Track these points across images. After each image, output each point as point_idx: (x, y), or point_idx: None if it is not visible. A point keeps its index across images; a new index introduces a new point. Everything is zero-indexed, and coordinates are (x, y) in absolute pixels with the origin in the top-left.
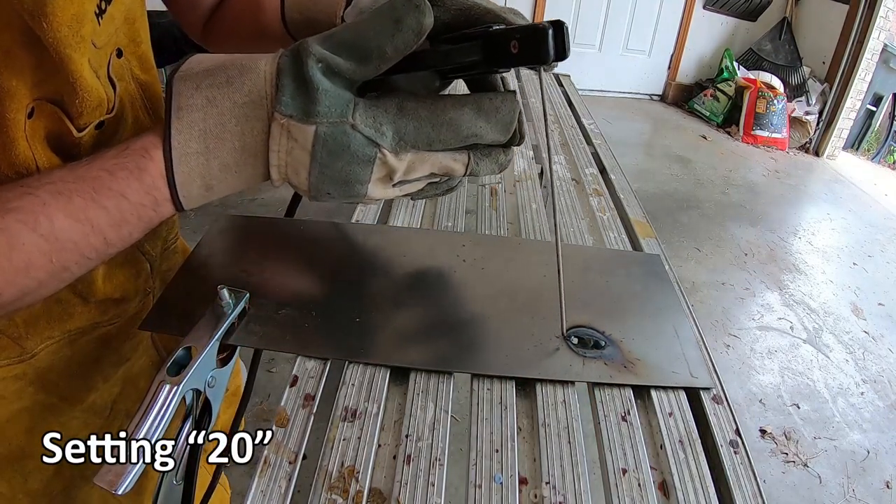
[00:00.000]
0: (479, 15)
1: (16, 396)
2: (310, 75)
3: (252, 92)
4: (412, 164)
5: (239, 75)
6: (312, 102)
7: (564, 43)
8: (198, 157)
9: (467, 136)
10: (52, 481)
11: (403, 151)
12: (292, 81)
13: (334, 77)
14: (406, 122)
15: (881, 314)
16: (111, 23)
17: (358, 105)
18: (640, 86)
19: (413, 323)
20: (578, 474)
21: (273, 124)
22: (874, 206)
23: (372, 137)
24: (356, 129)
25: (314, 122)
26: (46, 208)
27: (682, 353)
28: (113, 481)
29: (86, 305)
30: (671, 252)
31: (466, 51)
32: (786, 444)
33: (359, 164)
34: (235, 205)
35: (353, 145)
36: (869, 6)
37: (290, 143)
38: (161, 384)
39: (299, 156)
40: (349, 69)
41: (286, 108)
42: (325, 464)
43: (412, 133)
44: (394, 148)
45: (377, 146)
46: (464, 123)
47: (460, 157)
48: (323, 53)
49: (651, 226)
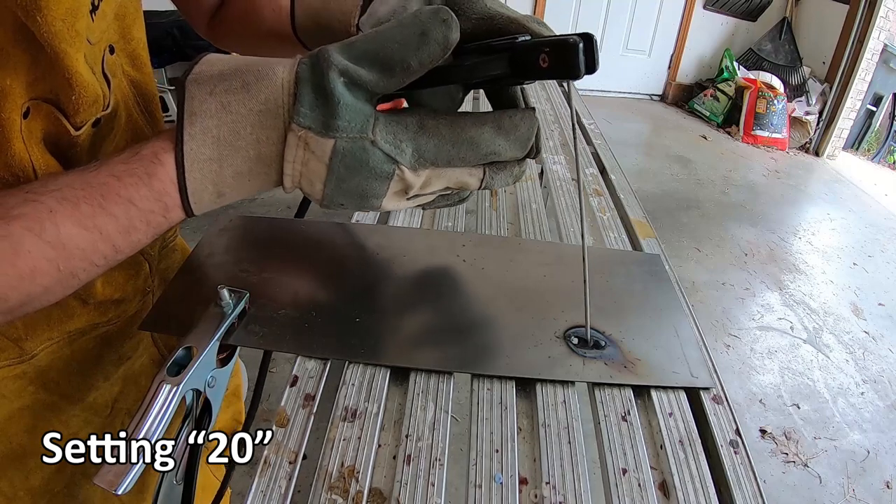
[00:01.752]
0: (502, 25)
1: (16, 395)
2: (331, 87)
3: (269, 100)
4: (429, 180)
5: (255, 81)
6: (333, 116)
7: (594, 57)
8: (210, 164)
9: (486, 154)
10: (53, 479)
11: (422, 168)
12: (311, 92)
13: (356, 90)
14: (426, 139)
15: (881, 314)
16: (103, 19)
17: (378, 120)
18: (641, 86)
19: (413, 323)
20: (578, 474)
21: (290, 135)
22: (874, 206)
23: (391, 154)
24: (376, 146)
25: (333, 136)
26: (53, 215)
27: (682, 352)
28: (113, 481)
29: (85, 307)
30: (671, 252)
31: (494, 64)
32: (786, 444)
33: (376, 180)
34: (235, 205)
35: (371, 161)
36: (869, 6)
37: (307, 155)
38: (161, 384)
39: (315, 167)
40: (371, 81)
41: (304, 119)
42: (325, 464)
43: (432, 151)
44: (412, 165)
45: (396, 163)
46: (483, 142)
47: (476, 171)
48: (345, 65)
49: (651, 226)
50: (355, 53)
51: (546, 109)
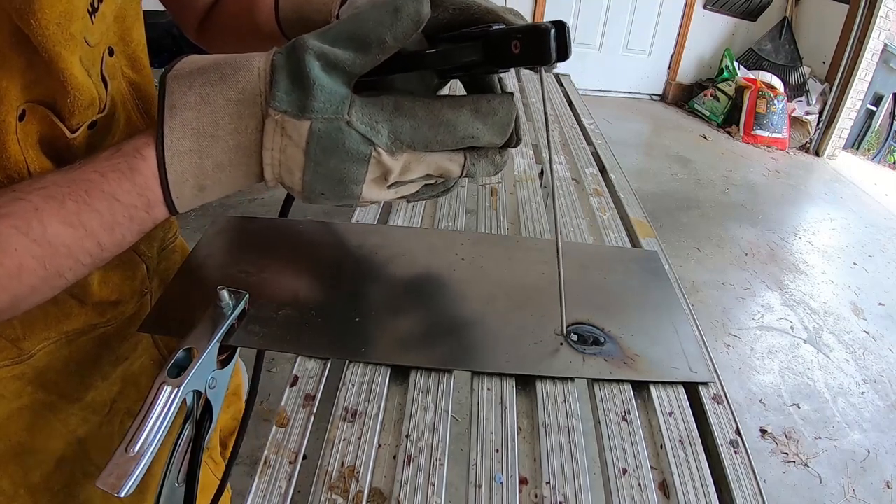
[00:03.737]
0: (478, 15)
1: (15, 395)
2: (307, 70)
3: (246, 89)
4: (408, 165)
5: (233, 72)
6: (308, 98)
7: (566, 43)
8: (191, 156)
9: (464, 137)
10: (52, 476)
11: (399, 151)
12: (286, 77)
13: (332, 71)
14: (402, 120)
15: (881, 314)
16: (103, 21)
17: (354, 102)
18: (641, 86)
19: (413, 322)
20: (578, 474)
21: (267, 121)
22: (874, 206)
23: (367, 135)
24: (351, 126)
25: (309, 117)
26: (39, 213)
27: (681, 348)
28: (115, 484)
29: (82, 307)
30: (671, 252)
31: (467, 51)
32: (786, 444)
33: (353, 163)
34: (235, 205)
35: (347, 142)
36: (869, 6)
37: (285, 141)
38: (162, 386)
39: (293, 154)
40: (348, 59)
41: (280, 103)
42: (325, 464)
43: (408, 132)
44: (389, 147)
45: (372, 144)
46: (461, 124)
47: (456, 157)
48: (321, 47)
49: (651, 225)
50: (331, 36)
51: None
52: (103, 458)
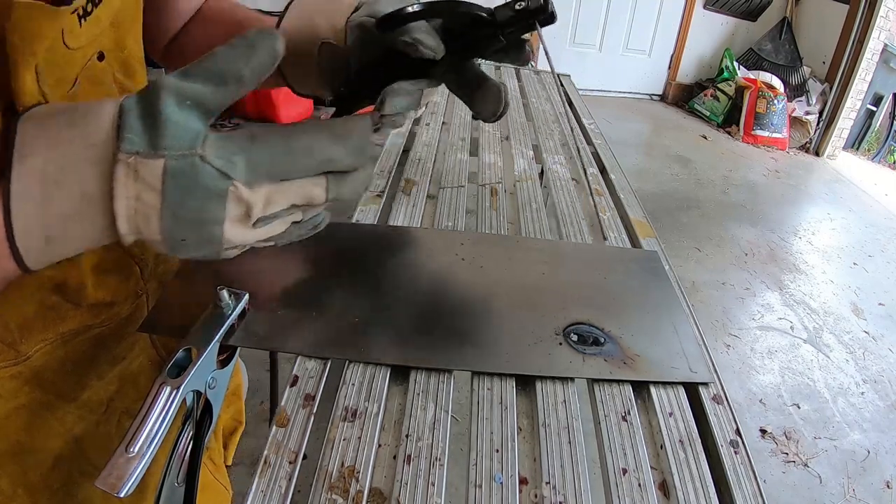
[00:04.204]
0: None
1: (12, 395)
2: (160, 108)
3: (92, 134)
4: (269, 197)
5: (82, 117)
6: (159, 135)
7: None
8: (36, 206)
9: (321, 161)
10: (51, 475)
11: (258, 183)
12: (137, 118)
13: (186, 108)
14: (258, 150)
15: (881, 314)
16: (96, 24)
17: (208, 137)
18: (641, 86)
19: (413, 322)
20: (578, 474)
21: (118, 167)
22: (874, 206)
23: (223, 169)
24: (206, 161)
25: (162, 154)
26: None
27: (681, 348)
28: (115, 484)
29: (77, 309)
30: (671, 252)
31: (476, 7)
32: (786, 444)
33: (211, 200)
34: None
35: (202, 178)
36: (869, 6)
37: (139, 187)
38: (162, 386)
39: (149, 198)
40: (204, 94)
41: (131, 144)
42: (325, 464)
43: (265, 161)
44: (247, 179)
45: (229, 178)
46: (317, 149)
47: (319, 181)
48: (177, 84)
49: (651, 226)
50: (189, 73)
51: (546, 109)
52: (101, 457)
